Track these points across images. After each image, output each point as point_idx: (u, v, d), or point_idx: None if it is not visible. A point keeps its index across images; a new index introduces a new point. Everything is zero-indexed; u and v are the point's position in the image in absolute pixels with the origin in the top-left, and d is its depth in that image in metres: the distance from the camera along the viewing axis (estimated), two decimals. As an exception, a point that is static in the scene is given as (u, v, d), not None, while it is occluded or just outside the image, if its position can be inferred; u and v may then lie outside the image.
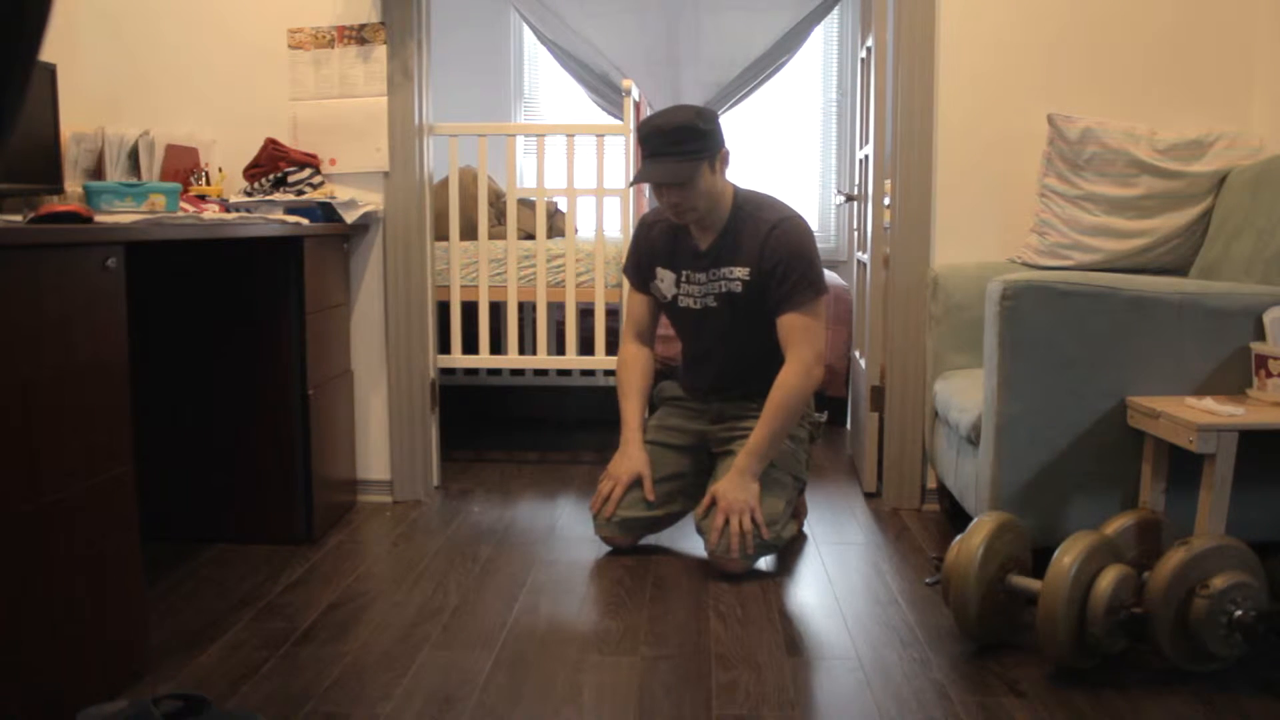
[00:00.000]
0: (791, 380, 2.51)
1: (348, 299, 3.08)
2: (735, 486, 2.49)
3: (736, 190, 2.62)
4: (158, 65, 3.06)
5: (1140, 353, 2.20)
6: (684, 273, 2.66)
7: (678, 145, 2.46)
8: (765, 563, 2.58)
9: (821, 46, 6.00)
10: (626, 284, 2.95)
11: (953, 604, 2.01)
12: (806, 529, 2.85)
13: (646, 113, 5.03)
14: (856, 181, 3.69)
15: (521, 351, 3.83)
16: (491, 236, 3.65)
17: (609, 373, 3.57)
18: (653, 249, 2.72)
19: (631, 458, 2.67)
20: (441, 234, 3.51)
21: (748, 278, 2.56)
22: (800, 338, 2.52)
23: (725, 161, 2.58)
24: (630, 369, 2.77)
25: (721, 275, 2.60)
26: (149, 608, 2.08)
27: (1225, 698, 1.82)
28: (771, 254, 2.53)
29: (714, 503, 2.50)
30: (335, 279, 2.95)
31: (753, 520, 2.46)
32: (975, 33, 2.93)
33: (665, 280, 2.70)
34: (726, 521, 2.45)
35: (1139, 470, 2.20)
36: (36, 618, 1.62)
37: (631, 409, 2.73)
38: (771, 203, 2.63)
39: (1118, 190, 2.77)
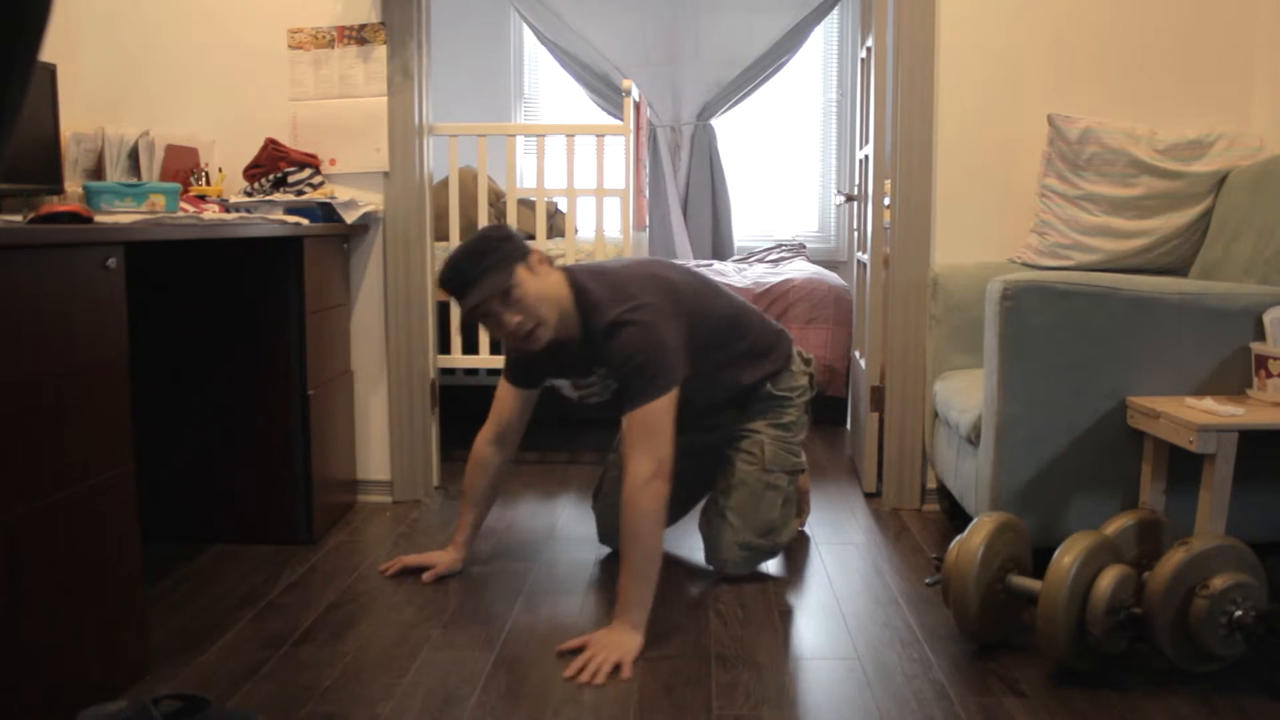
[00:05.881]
0: (629, 503, 2.15)
1: (348, 299, 3.08)
2: (614, 632, 2.09)
3: (573, 283, 2.30)
4: (158, 65, 3.06)
5: (1140, 353, 2.20)
6: (574, 380, 2.48)
7: (481, 262, 2.21)
8: (765, 563, 2.58)
9: (821, 46, 6.00)
10: None
11: (953, 604, 2.01)
12: (806, 529, 2.85)
13: (647, 113, 5.02)
14: (856, 181, 3.69)
15: (521, 351, 3.83)
16: (491, 236, 3.64)
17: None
18: (538, 362, 2.45)
19: (435, 554, 2.51)
20: (441, 234, 3.51)
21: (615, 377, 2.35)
22: (638, 441, 2.17)
23: (543, 261, 2.29)
24: (477, 471, 2.55)
25: (605, 373, 2.39)
26: (149, 608, 2.09)
27: (1225, 698, 1.82)
28: (613, 360, 2.26)
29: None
30: (335, 279, 2.95)
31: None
32: (975, 33, 2.93)
33: (564, 386, 2.53)
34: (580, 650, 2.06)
35: (1139, 470, 2.20)
36: (36, 617, 1.63)
37: (464, 518, 2.53)
38: (608, 298, 2.28)
39: (1118, 190, 2.77)
